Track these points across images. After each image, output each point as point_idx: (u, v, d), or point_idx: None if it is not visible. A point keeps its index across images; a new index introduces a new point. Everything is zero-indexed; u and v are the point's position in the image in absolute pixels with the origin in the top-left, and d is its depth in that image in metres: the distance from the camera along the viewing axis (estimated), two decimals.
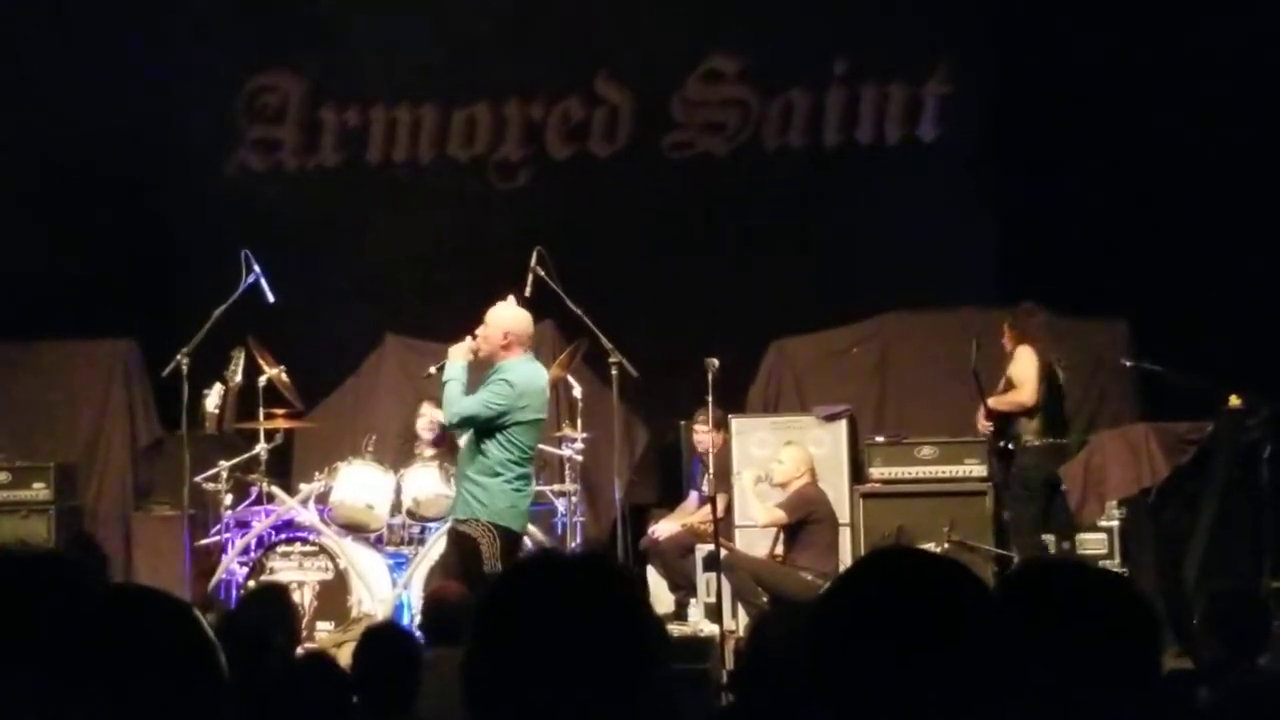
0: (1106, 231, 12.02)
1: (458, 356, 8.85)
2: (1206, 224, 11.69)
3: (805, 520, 10.57)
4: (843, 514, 11.17)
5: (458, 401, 8.70)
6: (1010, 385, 10.67)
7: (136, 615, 2.32)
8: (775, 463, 10.89)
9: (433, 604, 8.46)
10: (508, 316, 8.89)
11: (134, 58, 12.70)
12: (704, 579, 11.19)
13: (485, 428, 8.67)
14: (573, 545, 10.66)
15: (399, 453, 11.51)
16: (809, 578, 10.28)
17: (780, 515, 10.59)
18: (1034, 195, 12.27)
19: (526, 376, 8.76)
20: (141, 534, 12.25)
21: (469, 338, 8.90)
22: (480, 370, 8.90)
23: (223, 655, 2.37)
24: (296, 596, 9.26)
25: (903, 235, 12.21)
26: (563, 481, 11.12)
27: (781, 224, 12.80)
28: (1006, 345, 10.77)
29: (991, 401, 10.65)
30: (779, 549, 10.77)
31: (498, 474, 8.68)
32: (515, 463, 8.72)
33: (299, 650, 7.46)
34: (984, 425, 10.73)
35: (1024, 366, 10.64)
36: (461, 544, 8.70)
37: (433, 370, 9.13)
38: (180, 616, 2.35)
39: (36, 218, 12.60)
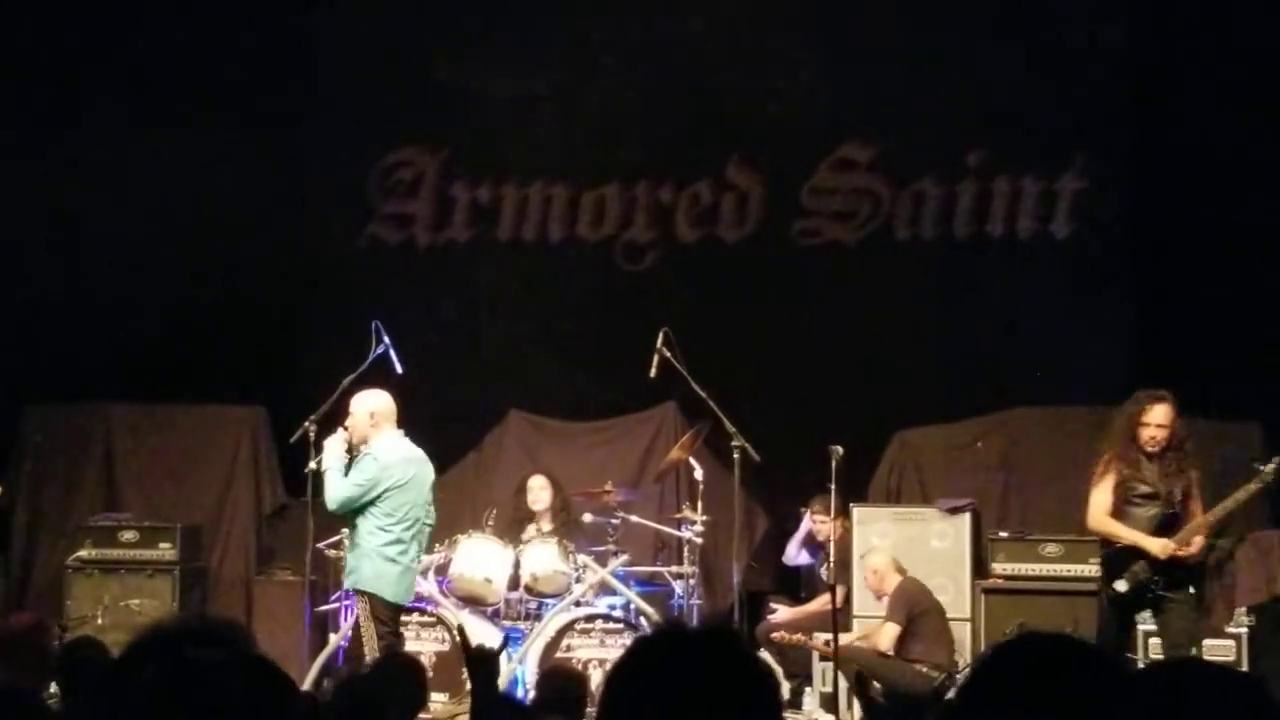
0: (1240, 332, 11.84)
1: (333, 447, 9.44)
2: None
3: (912, 616, 10.49)
4: (963, 609, 11.05)
5: (334, 487, 9.29)
6: None
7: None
8: (869, 575, 10.78)
9: (549, 678, 8.49)
10: (369, 400, 9.53)
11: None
12: (819, 668, 11.09)
13: (362, 504, 9.21)
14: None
15: (518, 528, 11.53)
16: (924, 669, 10.19)
17: (894, 628, 10.47)
18: (1166, 293, 12.14)
19: (387, 448, 9.36)
20: (262, 598, 12.35)
21: (340, 428, 9.51)
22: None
23: None
24: None
25: (1031, 329, 12.11)
26: (681, 563, 11.09)
27: (909, 314, 12.72)
28: None
29: None
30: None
31: (367, 542, 9.24)
32: (384, 529, 9.23)
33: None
34: (1197, 546, 9.40)
35: None
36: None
37: (313, 465, 9.70)
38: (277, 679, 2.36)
39: (173, 284, 12.84)
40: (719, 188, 13.38)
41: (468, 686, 10.17)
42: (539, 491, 11.55)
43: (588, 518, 11.43)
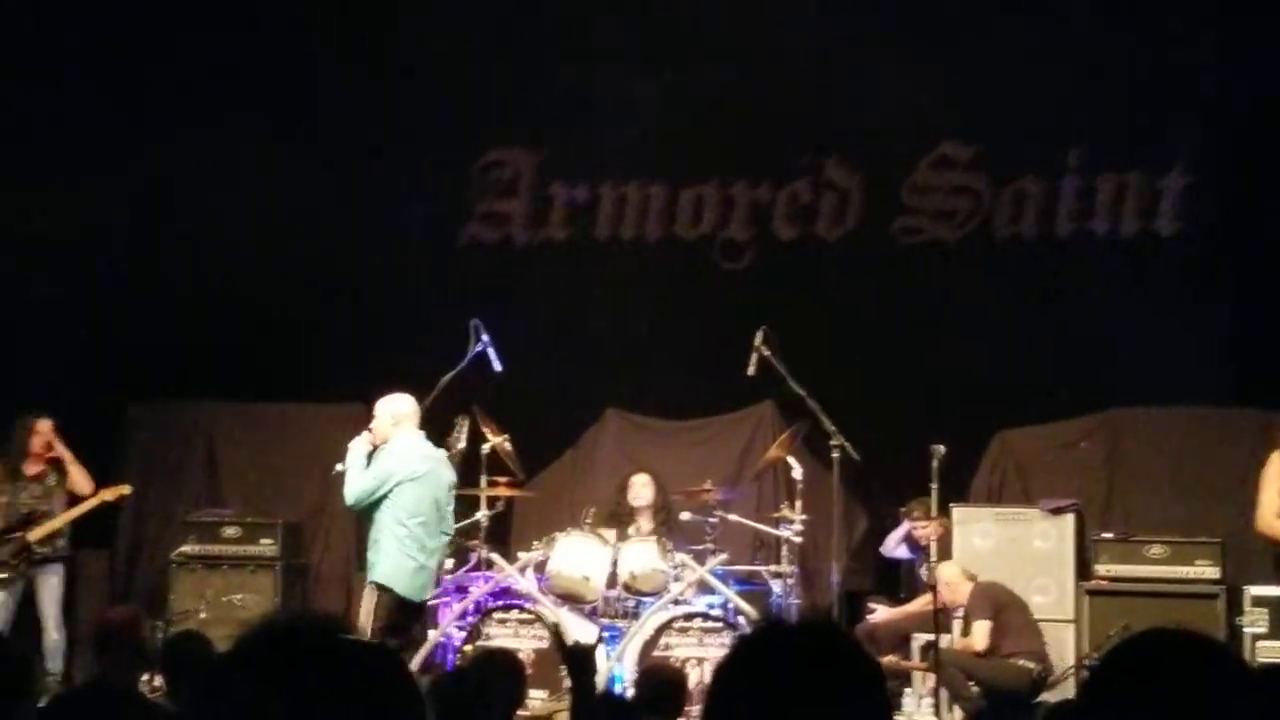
0: None
1: (356, 448, 9.78)
2: None
3: (997, 611, 10.43)
4: (1066, 610, 10.96)
5: (353, 482, 9.66)
6: None
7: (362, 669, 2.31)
8: (942, 588, 10.67)
9: (648, 677, 8.49)
10: (393, 403, 9.91)
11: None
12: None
13: (377, 499, 9.54)
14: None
15: (617, 524, 11.53)
16: (1022, 663, 10.14)
17: (986, 624, 10.40)
18: (1270, 292, 11.95)
19: (403, 445, 9.73)
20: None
21: (365, 431, 9.85)
22: None
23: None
24: None
25: (1134, 328, 11.96)
26: (779, 563, 11.05)
27: (1010, 313, 12.59)
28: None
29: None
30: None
31: (386, 538, 9.56)
32: (401, 523, 9.56)
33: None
34: None
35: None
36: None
37: (339, 467, 9.90)
38: (397, 668, 2.35)
39: (274, 283, 12.94)
40: (818, 186, 13.32)
41: (566, 684, 10.19)
42: (641, 489, 11.55)
43: (686, 516, 11.41)
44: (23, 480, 11.44)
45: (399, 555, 9.56)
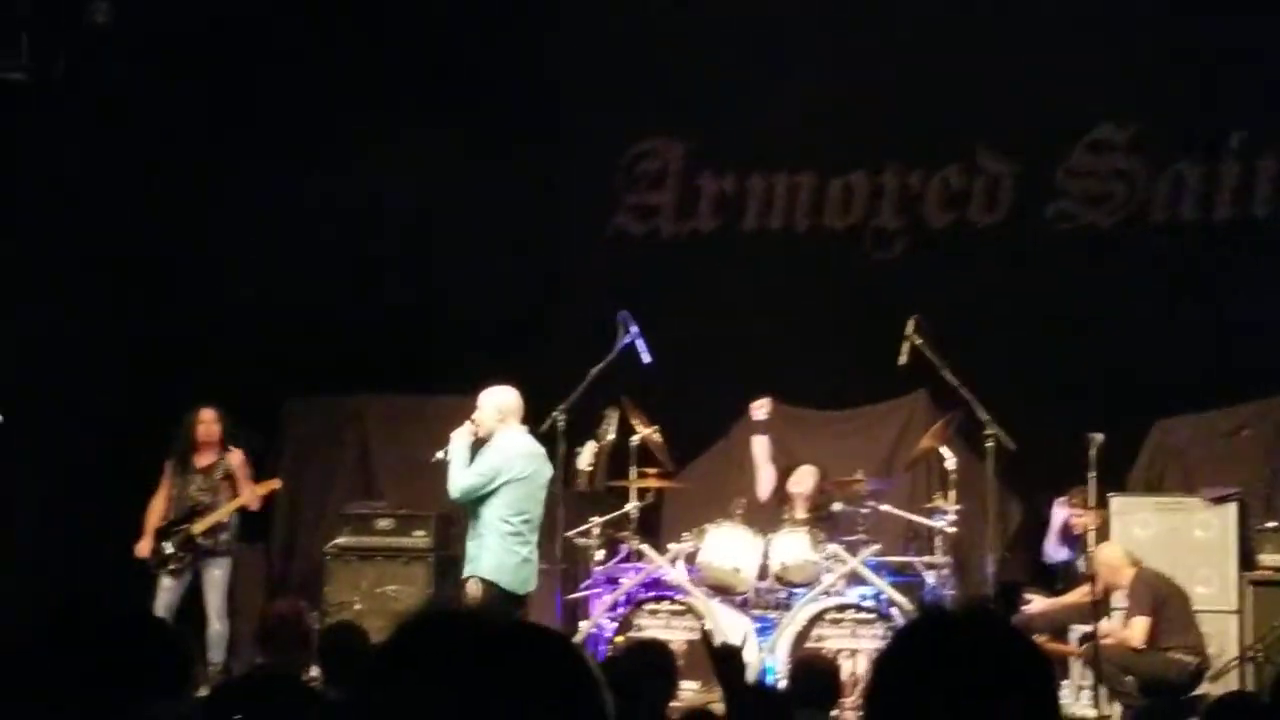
0: None
1: (459, 439, 9.78)
2: None
3: (1156, 605, 10.24)
4: (1229, 601, 10.73)
5: (457, 476, 9.68)
6: None
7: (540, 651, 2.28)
8: (1101, 570, 10.47)
9: (801, 668, 8.43)
10: (498, 396, 9.92)
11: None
12: (1076, 661, 10.82)
13: (481, 494, 9.57)
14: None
15: (767, 517, 11.46)
16: (1179, 657, 9.97)
17: (1144, 621, 10.19)
18: None
19: (511, 442, 9.77)
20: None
21: (468, 421, 9.84)
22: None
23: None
24: None
25: None
26: (933, 553, 10.92)
27: (1167, 299, 12.35)
28: None
29: None
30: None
31: (489, 532, 9.61)
32: (504, 520, 9.62)
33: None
34: None
35: None
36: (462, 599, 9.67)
37: (440, 455, 9.90)
38: (575, 656, 2.31)
39: (423, 278, 13.04)
40: (969, 172, 13.16)
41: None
42: (805, 477, 11.43)
43: (837, 507, 11.33)
44: (192, 472, 11.60)
45: (503, 551, 9.64)
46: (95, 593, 10.91)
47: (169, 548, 11.38)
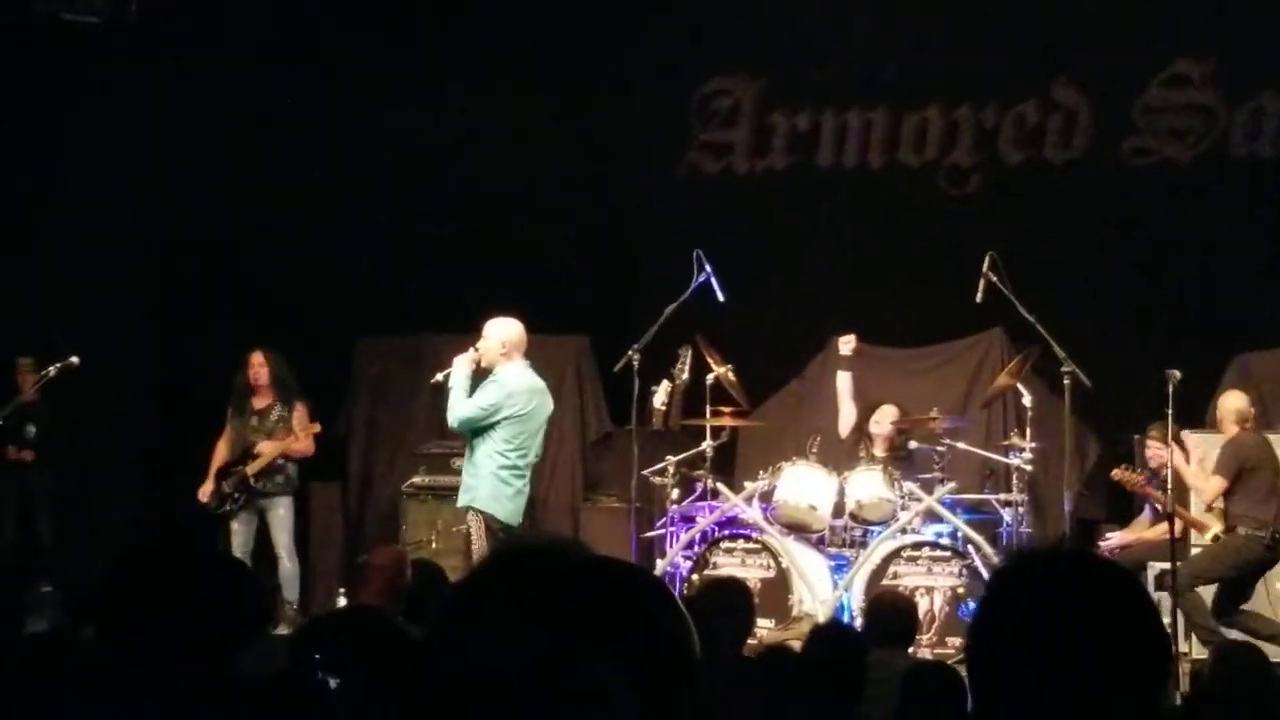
0: None
1: (460, 366, 9.75)
2: None
3: (1241, 471, 10.26)
4: None
5: (459, 406, 9.65)
6: None
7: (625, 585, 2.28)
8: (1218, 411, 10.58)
9: (877, 606, 8.42)
10: (503, 328, 9.87)
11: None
12: (1155, 598, 10.74)
13: (480, 426, 9.58)
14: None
15: (843, 455, 11.45)
16: (1245, 531, 10.06)
17: (1220, 483, 10.26)
18: None
19: (514, 378, 9.74)
20: (589, 525, 12.52)
21: (471, 349, 9.81)
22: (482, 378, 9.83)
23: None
24: None
25: None
26: (1009, 491, 10.88)
27: (1246, 234, 12.21)
28: None
29: None
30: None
31: (486, 464, 9.62)
32: (502, 454, 9.64)
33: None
34: None
35: None
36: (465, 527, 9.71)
37: (439, 378, 9.90)
38: (661, 591, 2.32)
39: (495, 216, 13.05)
40: (1045, 108, 13.02)
41: (794, 612, 10.19)
42: (885, 417, 11.38)
43: (913, 445, 11.30)
44: (247, 415, 11.67)
45: (497, 483, 9.66)
46: (173, 538, 11.12)
47: (225, 489, 11.48)
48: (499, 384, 9.72)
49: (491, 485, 9.67)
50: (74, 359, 11.21)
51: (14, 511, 12.84)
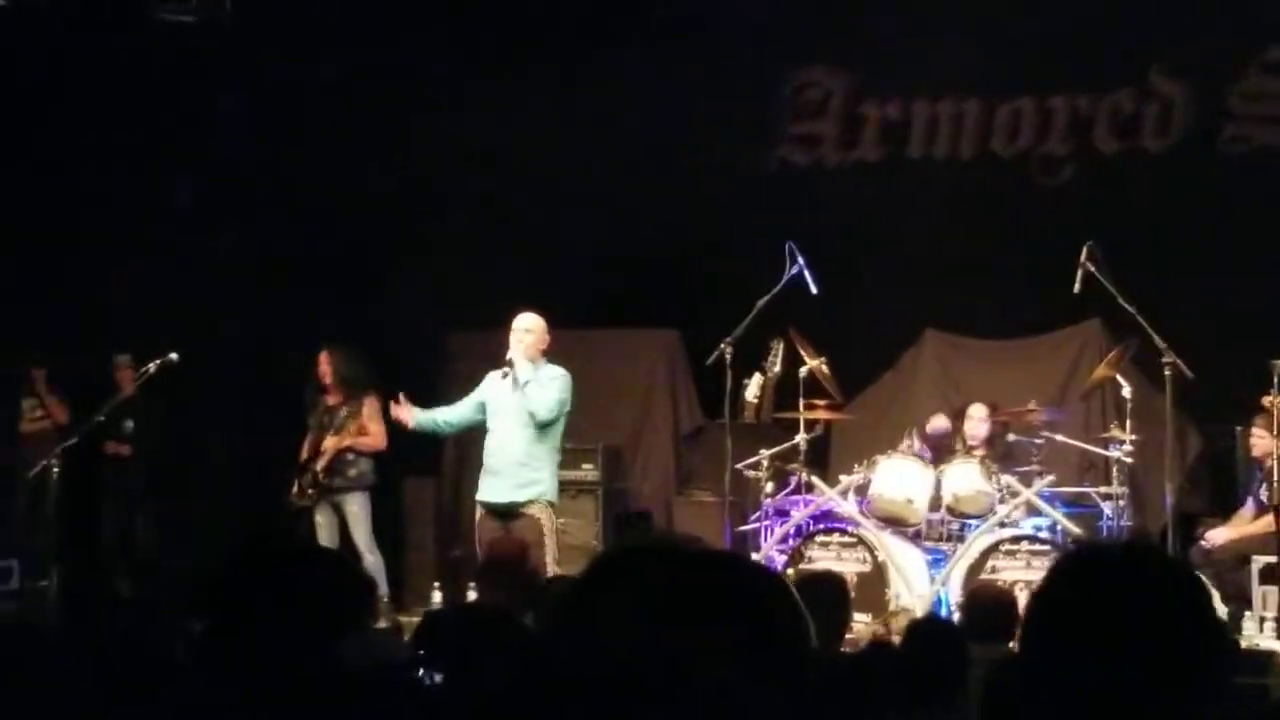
0: None
1: (523, 362, 9.88)
2: None
3: None
4: None
5: (549, 402, 9.84)
6: None
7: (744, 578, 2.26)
8: None
9: (975, 600, 8.33)
10: (540, 322, 10.05)
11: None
12: (1259, 592, 10.60)
13: (552, 420, 9.86)
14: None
15: (939, 448, 11.36)
16: None
17: None
18: None
19: (566, 375, 10.01)
20: (683, 518, 12.50)
21: (520, 344, 9.92)
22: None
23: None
24: None
25: None
26: (1109, 484, 10.76)
27: None
28: None
29: None
30: None
31: (549, 457, 9.94)
32: (557, 449, 10.07)
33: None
34: None
35: None
36: (527, 525, 9.76)
37: (507, 372, 9.92)
38: (778, 582, 2.30)
39: (588, 211, 13.05)
40: (1141, 96, 12.88)
41: (890, 607, 10.12)
42: (979, 424, 11.28)
43: (1011, 437, 11.21)
44: (320, 412, 11.71)
45: (554, 476, 10.02)
46: (278, 530, 11.21)
47: (302, 485, 11.53)
48: (564, 378, 9.94)
49: (553, 479, 9.98)
50: (173, 355, 11.29)
51: (112, 506, 13.02)
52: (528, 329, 9.94)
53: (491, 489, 9.98)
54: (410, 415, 10.25)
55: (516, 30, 13.19)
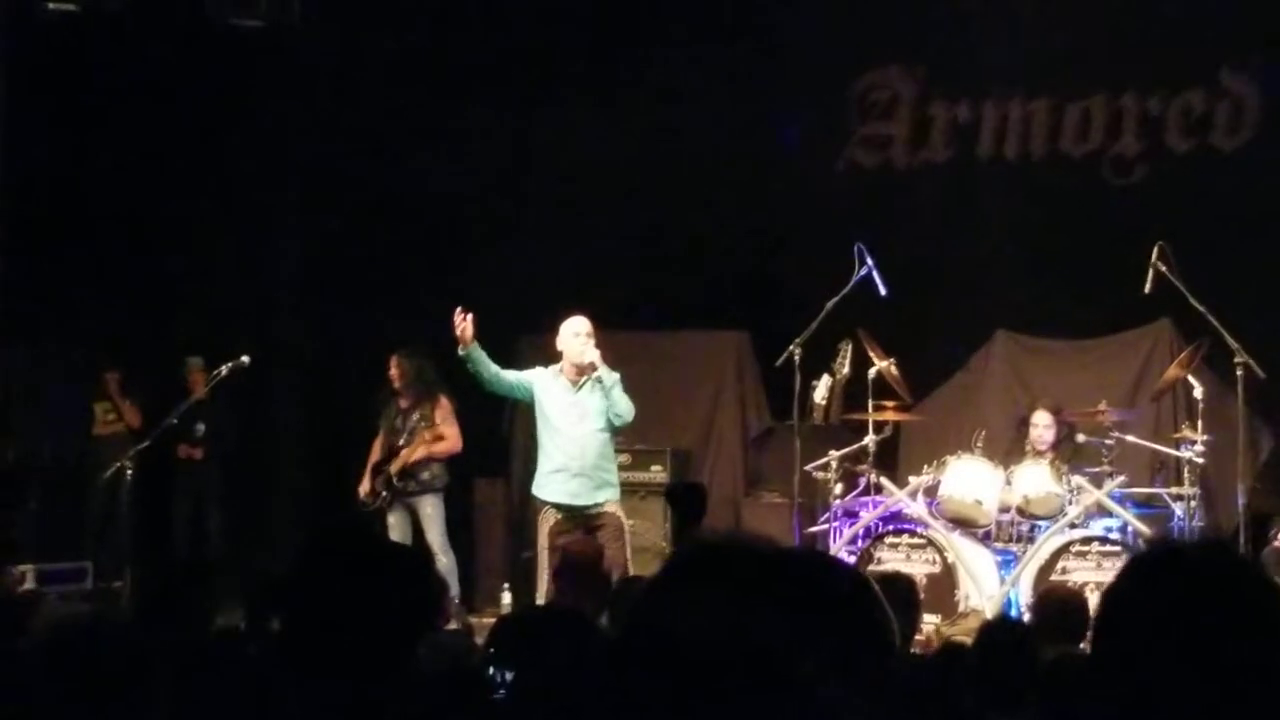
0: None
1: (604, 366, 9.76)
2: None
3: None
4: None
5: (627, 403, 9.81)
6: None
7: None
8: None
9: (1046, 601, 8.30)
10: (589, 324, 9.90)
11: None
12: None
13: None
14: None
15: (1008, 449, 11.32)
16: None
17: None
18: None
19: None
20: (752, 520, 12.49)
21: (592, 348, 9.79)
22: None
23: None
24: None
25: None
26: (1181, 484, 10.68)
27: None
28: None
29: None
30: None
31: (611, 458, 10.01)
32: (616, 450, 10.16)
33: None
34: None
35: None
36: (607, 524, 9.73)
37: (600, 374, 9.75)
38: (859, 578, 2.31)
39: (658, 211, 13.07)
40: (1212, 95, 12.77)
41: (960, 608, 10.10)
42: (1044, 430, 11.21)
43: (1081, 438, 11.15)
44: (395, 415, 11.76)
45: (616, 477, 10.06)
46: (356, 529, 11.27)
47: (376, 487, 11.59)
48: (621, 385, 9.88)
49: (617, 481, 10.03)
50: (244, 358, 11.38)
51: (186, 508, 13.15)
52: (589, 332, 9.90)
53: (570, 491, 9.87)
54: (470, 334, 9.95)
55: (586, 32, 13.21)
